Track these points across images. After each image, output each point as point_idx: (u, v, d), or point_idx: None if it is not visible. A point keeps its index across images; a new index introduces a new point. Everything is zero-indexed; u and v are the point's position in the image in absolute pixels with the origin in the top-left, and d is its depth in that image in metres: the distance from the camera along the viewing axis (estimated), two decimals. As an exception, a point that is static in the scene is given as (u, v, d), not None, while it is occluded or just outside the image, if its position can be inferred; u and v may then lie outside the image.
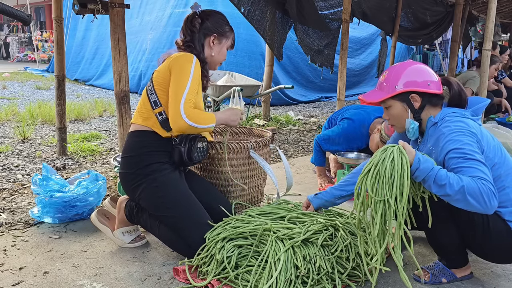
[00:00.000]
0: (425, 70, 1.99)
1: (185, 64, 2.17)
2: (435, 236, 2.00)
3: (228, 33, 2.38)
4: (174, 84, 2.14)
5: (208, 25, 2.31)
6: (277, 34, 5.52)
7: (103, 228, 2.38)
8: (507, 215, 1.84)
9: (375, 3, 6.55)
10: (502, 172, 1.84)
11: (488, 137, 1.88)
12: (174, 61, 2.19)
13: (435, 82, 1.96)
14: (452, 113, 1.90)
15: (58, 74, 4.00)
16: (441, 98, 1.98)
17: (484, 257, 2.02)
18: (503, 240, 1.85)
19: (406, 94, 1.95)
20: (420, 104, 1.95)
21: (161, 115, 2.19)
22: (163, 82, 2.20)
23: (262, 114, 6.57)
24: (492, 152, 1.84)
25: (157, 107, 2.19)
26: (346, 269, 1.97)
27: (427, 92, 1.93)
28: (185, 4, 9.06)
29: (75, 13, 3.19)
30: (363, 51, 10.79)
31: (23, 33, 22.28)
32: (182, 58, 2.19)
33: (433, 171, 1.70)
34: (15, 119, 6.08)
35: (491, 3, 4.15)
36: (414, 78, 1.94)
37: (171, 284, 1.99)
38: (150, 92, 2.24)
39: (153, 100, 2.21)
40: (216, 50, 2.35)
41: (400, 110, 1.98)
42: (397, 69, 1.99)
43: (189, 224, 2.14)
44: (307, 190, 3.37)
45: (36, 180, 2.63)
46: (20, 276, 2.04)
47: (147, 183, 2.16)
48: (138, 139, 2.22)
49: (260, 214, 2.30)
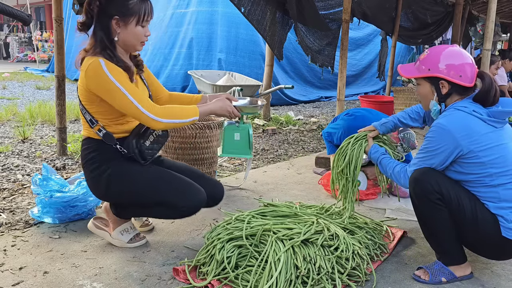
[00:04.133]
0: (463, 59, 1.99)
1: (99, 77, 1.99)
2: (428, 224, 2.04)
3: (135, 7, 2.06)
4: (113, 100, 2.02)
5: (109, 7, 2.04)
6: (277, 34, 5.52)
7: (101, 233, 2.38)
8: (493, 209, 1.91)
9: (375, 3, 6.55)
10: (493, 172, 1.89)
11: (486, 138, 1.89)
12: (88, 81, 2.02)
13: (468, 75, 1.98)
14: (461, 106, 1.96)
15: (58, 74, 4.00)
16: (470, 89, 2.02)
17: (476, 251, 2.07)
18: (490, 230, 1.90)
19: (437, 78, 2.01)
20: (448, 91, 2.02)
21: (101, 131, 2.11)
22: (89, 99, 2.09)
23: (262, 114, 6.57)
24: (485, 152, 1.88)
25: (94, 125, 2.12)
26: (346, 269, 1.97)
27: (456, 82, 1.98)
28: (187, 5, 9.06)
29: (75, 13, 3.19)
30: (359, 51, 10.78)
31: (23, 33, 22.29)
32: (91, 73, 2.00)
33: (378, 159, 2.32)
34: (15, 119, 6.08)
35: (491, 3, 4.15)
36: (449, 66, 1.98)
37: (171, 284, 1.99)
38: (83, 111, 2.14)
39: (88, 119, 2.12)
40: (124, 34, 2.08)
41: (428, 92, 2.08)
42: (438, 51, 2.03)
43: (169, 194, 2.11)
44: (307, 190, 3.37)
45: (36, 180, 2.62)
46: (20, 276, 2.04)
47: (108, 180, 2.12)
48: (86, 146, 2.18)
49: (260, 214, 2.30)
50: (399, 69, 2.16)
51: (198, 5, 8.83)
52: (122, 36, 2.09)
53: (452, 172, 2.00)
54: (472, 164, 1.91)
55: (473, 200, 1.94)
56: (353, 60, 10.50)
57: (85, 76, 2.02)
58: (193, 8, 8.90)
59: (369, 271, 2.06)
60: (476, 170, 1.91)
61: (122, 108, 2.03)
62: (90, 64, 2.01)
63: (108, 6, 2.05)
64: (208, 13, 8.70)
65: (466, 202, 1.92)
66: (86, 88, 2.06)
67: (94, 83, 2.01)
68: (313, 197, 3.20)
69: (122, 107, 2.03)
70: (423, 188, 1.97)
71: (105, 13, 2.05)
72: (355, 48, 10.63)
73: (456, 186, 1.97)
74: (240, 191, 3.31)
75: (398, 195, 2.99)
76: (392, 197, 3.24)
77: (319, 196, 3.26)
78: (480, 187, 1.93)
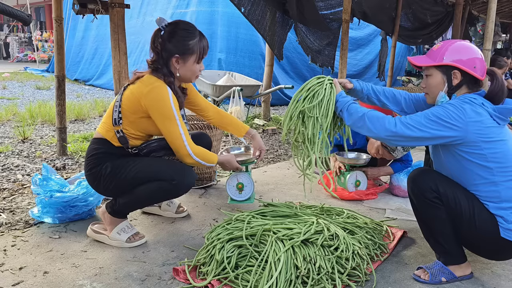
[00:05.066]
0: (477, 54, 2.03)
1: (161, 102, 2.20)
2: (427, 224, 2.05)
3: (194, 47, 2.28)
4: (162, 124, 2.23)
5: (169, 47, 2.25)
6: (278, 34, 5.52)
7: (100, 237, 2.39)
8: (493, 209, 1.91)
9: (375, 3, 6.55)
10: (493, 166, 1.89)
11: (490, 131, 1.89)
12: (148, 98, 2.20)
13: (481, 69, 2.00)
14: (471, 97, 1.95)
15: (58, 74, 4.00)
16: (478, 84, 2.03)
17: (475, 250, 2.07)
18: (489, 230, 1.90)
19: (450, 68, 2.01)
20: (459, 82, 2.01)
21: (119, 133, 2.27)
22: (131, 108, 2.25)
23: (262, 114, 6.57)
24: (488, 144, 1.88)
25: (116, 125, 2.27)
26: (346, 269, 1.97)
27: (469, 72, 1.98)
28: (187, 5, 9.07)
29: (75, 13, 3.19)
30: (360, 51, 10.77)
31: (23, 33, 22.28)
32: (154, 94, 2.20)
33: (347, 103, 2.13)
34: (15, 119, 6.08)
35: (491, 3, 4.15)
36: (463, 57, 1.99)
37: (171, 284, 1.99)
38: (116, 107, 2.29)
39: (114, 117, 2.28)
40: (182, 70, 2.30)
41: (439, 82, 2.05)
42: (452, 44, 2.05)
43: (163, 169, 2.24)
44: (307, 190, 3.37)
45: (36, 180, 2.62)
46: (20, 276, 2.04)
47: (104, 172, 2.25)
48: (95, 146, 2.32)
49: (260, 214, 2.30)
50: (410, 60, 2.15)
51: (198, 5, 8.84)
52: (182, 72, 2.31)
53: (455, 159, 1.97)
54: (474, 154, 1.90)
55: (471, 199, 1.94)
56: (354, 60, 10.49)
57: (147, 92, 2.20)
58: (193, 8, 8.91)
59: (369, 271, 2.06)
60: (477, 160, 1.90)
61: (167, 135, 2.25)
62: (157, 87, 2.21)
63: (170, 44, 2.25)
64: (208, 13, 8.71)
65: (464, 201, 1.93)
66: (138, 101, 2.22)
67: (153, 103, 2.20)
68: (313, 197, 3.20)
69: (167, 134, 2.25)
70: (420, 187, 1.99)
71: (167, 51, 2.25)
72: (356, 48, 10.62)
73: (454, 186, 1.97)
74: (240, 191, 3.30)
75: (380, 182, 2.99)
76: (392, 197, 3.24)
77: (319, 196, 3.26)
78: (480, 185, 1.93)
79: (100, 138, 2.32)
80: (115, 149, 2.30)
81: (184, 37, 2.26)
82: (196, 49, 2.28)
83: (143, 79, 2.26)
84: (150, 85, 2.21)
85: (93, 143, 2.34)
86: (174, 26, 2.28)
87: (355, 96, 2.36)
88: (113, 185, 2.26)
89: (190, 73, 2.32)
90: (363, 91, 2.33)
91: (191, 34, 2.28)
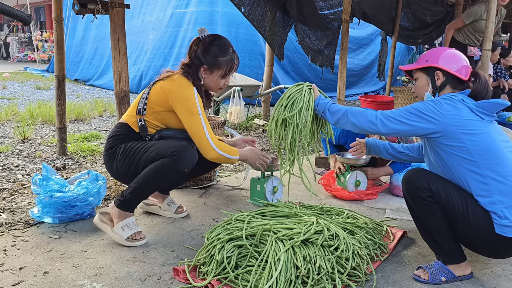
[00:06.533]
0: (459, 57, 2.17)
1: (188, 101, 2.38)
2: (423, 224, 2.07)
3: (222, 64, 2.48)
4: (185, 119, 2.39)
5: (201, 57, 2.46)
6: (278, 34, 5.51)
7: (104, 226, 2.40)
8: (486, 205, 1.93)
9: (375, 3, 6.54)
10: (477, 159, 1.94)
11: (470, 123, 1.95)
12: (176, 95, 2.39)
13: (463, 69, 2.13)
14: (451, 95, 2.07)
15: (58, 74, 4.00)
16: (463, 84, 2.14)
17: (473, 248, 2.08)
18: (483, 227, 1.92)
19: (433, 69, 2.16)
20: (442, 82, 2.14)
21: (141, 121, 2.47)
22: (158, 101, 2.44)
23: (262, 114, 6.57)
24: (469, 136, 1.95)
25: (140, 114, 2.46)
26: (346, 269, 1.97)
27: (451, 73, 2.11)
28: (186, 5, 9.06)
29: (75, 13, 3.19)
30: (362, 51, 10.76)
31: (23, 33, 22.28)
32: (182, 93, 2.39)
33: (328, 104, 2.30)
34: (15, 119, 6.08)
35: (491, 3, 4.15)
36: (445, 59, 2.14)
37: (171, 284, 1.99)
38: (143, 99, 2.48)
39: (139, 108, 2.47)
40: (207, 80, 2.52)
41: (424, 83, 2.21)
42: (437, 49, 2.23)
43: (164, 145, 2.35)
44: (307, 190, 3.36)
45: (36, 180, 2.62)
46: (20, 276, 2.04)
47: (118, 151, 2.41)
48: (117, 129, 2.51)
49: (260, 214, 2.30)
50: (401, 68, 2.33)
51: (198, 5, 8.84)
52: (206, 81, 2.52)
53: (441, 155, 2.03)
54: (456, 148, 1.96)
55: (464, 196, 1.96)
56: (356, 60, 10.47)
57: (176, 90, 2.40)
58: (193, 8, 8.91)
59: (369, 271, 2.06)
60: (460, 154, 1.96)
61: (191, 128, 2.40)
62: (186, 86, 2.41)
63: (202, 55, 2.47)
64: (208, 13, 8.71)
65: (457, 199, 1.96)
66: (166, 96, 2.41)
67: (180, 99, 2.39)
68: (313, 197, 3.20)
69: (190, 127, 2.40)
70: (413, 187, 2.04)
71: (199, 59, 2.47)
72: (358, 48, 10.60)
73: (446, 184, 2.01)
74: (240, 191, 3.31)
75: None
76: (392, 197, 3.24)
77: (319, 196, 3.26)
78: (470, 180, 1.96)
79: (122, 122, 2.52)
80: (134, 134, 2.47)
81: (216, 53, 2.47)
82: (223, 66, 2.49)
83: (173, 78, 2.45)
84: (180, 84, 2.42)
85: (115, 127, 2.53)
86: (212, 40, 2.49)
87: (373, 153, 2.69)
88: (124, 165, 2.39)
89: (213, 84, 2.54)
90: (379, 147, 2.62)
91: (223, 51, 2.48)
